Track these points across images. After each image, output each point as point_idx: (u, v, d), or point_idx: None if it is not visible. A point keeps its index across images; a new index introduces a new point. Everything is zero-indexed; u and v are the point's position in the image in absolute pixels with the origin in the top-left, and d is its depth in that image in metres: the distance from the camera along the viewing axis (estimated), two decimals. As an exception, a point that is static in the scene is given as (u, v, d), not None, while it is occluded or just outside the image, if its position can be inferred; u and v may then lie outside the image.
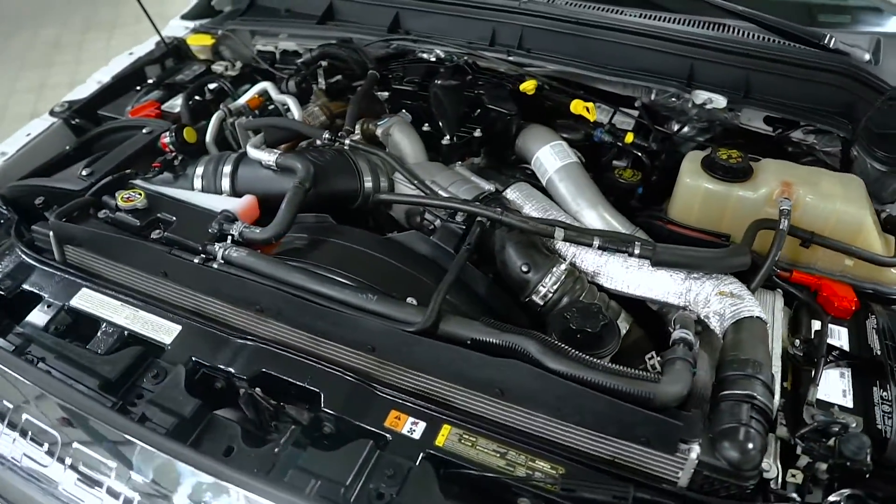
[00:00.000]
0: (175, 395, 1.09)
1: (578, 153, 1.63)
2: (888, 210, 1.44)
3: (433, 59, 1.79)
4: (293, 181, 1.35)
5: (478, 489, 1.01)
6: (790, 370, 1.19)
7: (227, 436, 1.06)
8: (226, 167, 1.48)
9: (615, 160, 1.73)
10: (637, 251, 1.25)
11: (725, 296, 1.19)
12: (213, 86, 1.85)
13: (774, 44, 1.66)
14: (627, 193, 1.60)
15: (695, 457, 0.95)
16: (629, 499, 0.94)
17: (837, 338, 1.23)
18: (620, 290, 1.31)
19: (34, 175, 1.61)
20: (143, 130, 1.61)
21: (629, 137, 1.63)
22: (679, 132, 1.70)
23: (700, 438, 0.96)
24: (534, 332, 1.08)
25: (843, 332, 1.24)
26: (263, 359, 1.15)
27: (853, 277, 1.34)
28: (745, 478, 0.95)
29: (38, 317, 1.28)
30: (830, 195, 1.32)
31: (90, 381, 1.12)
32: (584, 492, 0.95)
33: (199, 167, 1.50)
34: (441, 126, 1.63)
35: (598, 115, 1.68)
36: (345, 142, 1.50)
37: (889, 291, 1.33)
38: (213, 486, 0.95)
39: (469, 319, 1.13)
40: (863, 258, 1.29)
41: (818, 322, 1.25)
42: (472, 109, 1.68)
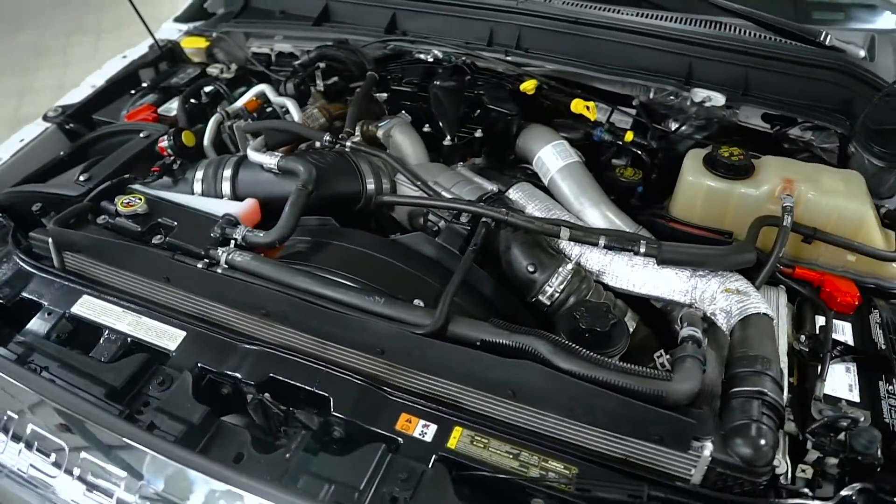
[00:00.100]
0: (183, 402, 1.08)
1: (578, 152, 1.63)
2: (886, 205, 1.46)
3: (431, 60, 1.79)
4: (296, 184, 1.34)
5: (491, 491, 1.00)
6: (795, 366, 1.19)
7: (237, 442, 1.05)
8: (226, 171, 1.47)
9: (614, 159, 1.73)
10: (643, 250, 1.25)
11: (731, 293, 1.19)
12: (209, 89, 1.84)
13: (771, 41, 1.67)
14: (628, 192, 1.60)
15: (708, 454, 0.95)
16: (644, 497, 0.94)
17: (841, 333, 1.25)
18: (626, 289, 1.31)
19: (28, 181, 1.59)
20: (141, 135, 1.59)
21: (629, 136, 1.63)
22: (677, 130, 1.70)
23: (712, 436, 0.97)
24: (543, 333, 1.08)
25: (847, 327, 1.26)
26: (270, 363, 1.14)
27: (855, 273, 1.36)
28: (759, 474, 0.95)
29: (39, 325, 1.26)
30: (832, 191, 1.33)
31: (95, 390, 1.10)
32: (600, 491, 0.95)
33: (199, 171, 1.48)
34: (441, 127, 1.62)
35: (597, 115, 1.68)
36: (346, 144, 1.49)
37: (890, 286, 1.34)
38: (227, 494, 0.94)
39: (478, 321, 1.12)
40: (865, 253, 1.30)
41: (821, 318, 1.26)
42: (473, 110, 1.67)
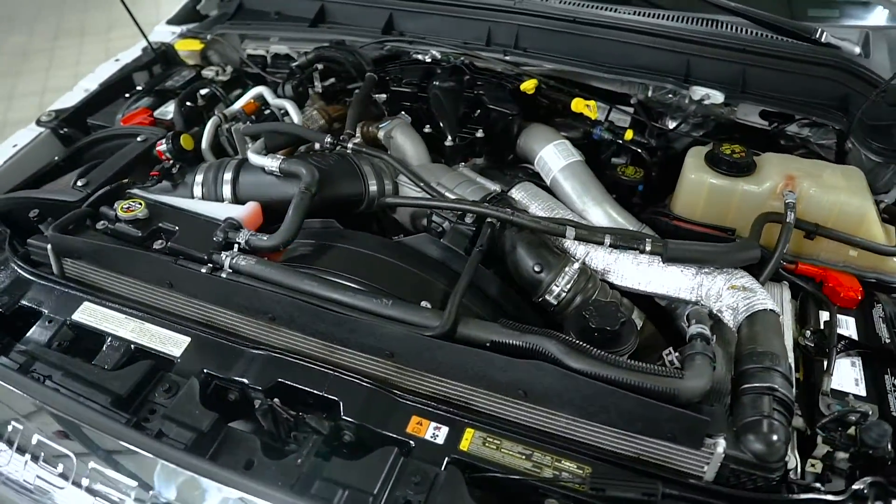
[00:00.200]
0: (190, 409, 1.06)
1: (579, 151, 1.63)
2: (885, 200, 1.47)
3: (429, 60, 1.78)
4: (299, 187, 1.33)
5: (505, 492, 1.00)
6: (801, 361, 1.20)
7: (247, 449, 1.03)
8: (226, 174, 1.45)
9: (613, 157, 1.74)
10: (648, 248, 1.25)
11: (738, 290, 1.20)
12: (205, 91, 1.81)
13: (768, 39, 1.69)
14: (629, 190, 1.61)
15: (721, 451, 0.95)
16: (658, 495, 0.94)
17: (845, 327, 1.25)
18: (632, 288, 1.31)
19: (22, 187, 1.57)
20: (138, 139, 1.57)
21: (629, 134, 1.64)
22: (676, 128, 1.71)
23: (725, 432, 0.97)
24: (554, 333, 1.07)
25: (851, 322, 1.27)
26: (278, 368, 1.13)
27: (856, 267, 1.37)
28: (772, 469, 0.96)
29: (40, 333, 1.24)
30: (834, 187, 1.34)
31: (100, 398, 1.08)
32: (614, 490, 0.95)
33: (199, 175, 1.47)
34: (442, 127, 1.62)
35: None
36: (347, 145, 1.48)
37: (892, 280, 1.35)
38: (240, 502, 0.93)
39: (487, 322, 1.12)
40: (868, 249, 1.31)
41: (825, 313, 1.27)
42: (473, 110, 1.67)
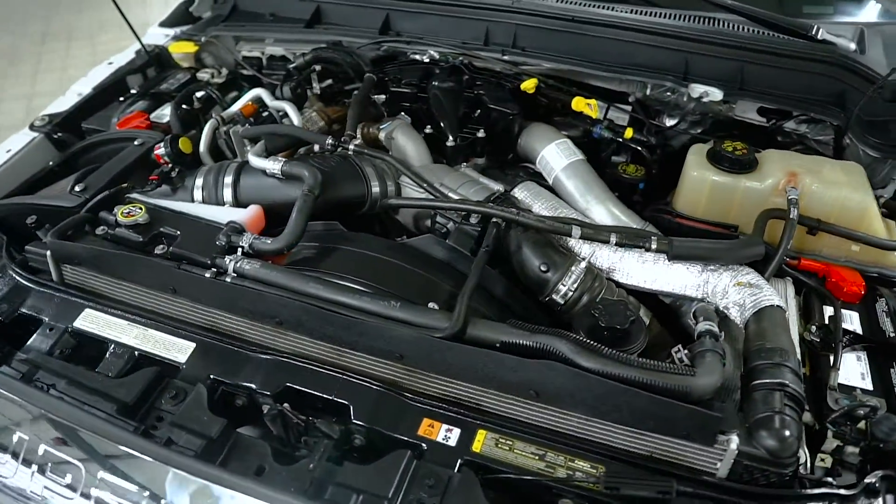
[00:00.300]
0: (199, 416, 1.05)
1: (579, 150, 1.63)
2: (884, 195, 1.48)
3: (427, 61, 1.78)
4: (302, 189, 1.32)
5: (518, 492, 1.00)
6: (806, 356, 1.21)
7: (257, 454, 1.02)
8: (227, 177, 1.44)
9: (613, 156, 1.74)
10: (654, 246, 1.25)
11: (744, 286, 1.20)
12: (201, 94, 1.79)
13: (766, 36, 1.70)
14: (630, 189, 1.61)
15: (735, 447, 0.95)
16: (673, 493, 0.94)
17: (849, 322, 1.26)
18: (637, 286, 1.31)
19: (17, 193, 1.54)
20: (135, 142, 1.55)
21: (629, 133, 1.64)
22: (676, 126, 1.71)
23: (737, 429, 0.97)
24: (564, 332, 1.07)
25: (855, 317, 1.27)
26: (286, 373, 1.11)
27: (858, 262, 1.38)
28: (785, 465, 0.96)
29: (41, 341, 1.22)
30: (835, 182, 1.35)
31: (106, 406, 1.07)
32: (628, 489, 0.95)
33: (199, 178, 1.45)
34: (443, 128, 1.61)
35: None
36: (349, 147, 1.47)
37: (894, 274, 1.36)
38: (254, 509, 0.92)
39: (496, 322, 1.11)
40: (870, 244, 1.32)
41: (828, 308, 1.28)
42: (473, 110, 1.66)
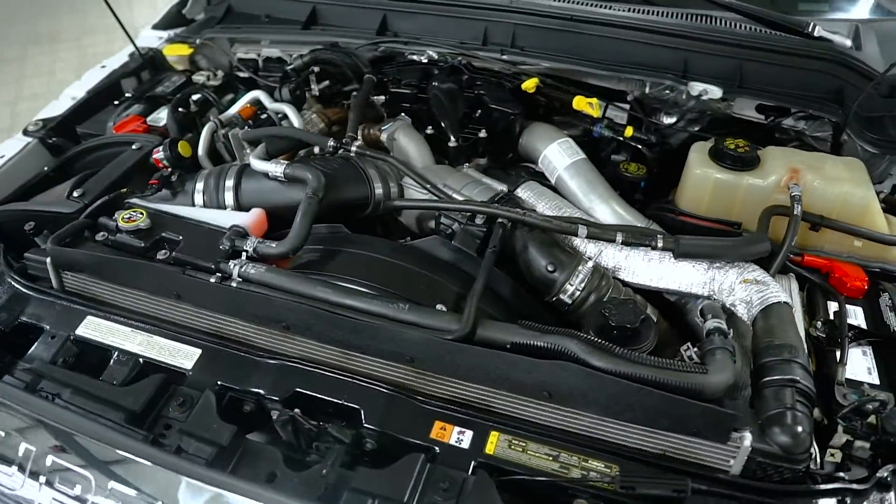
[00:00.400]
0: (208, 423, 1.04)
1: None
2: (884, 191, 1.50)
3: (425, 61, 1.77)
4: (305, 192, 1.31)
5: (533, 494, 0.99)
6: (813, 351, 1.21)
7: (268, 461, 1.01)
8: (228, 181, 1.42)
9: (613, 154, 1.74)
10: (660, 244, 1.25)
11: (751, 283, 1.21)
12: (197, 97, 1.78)
13: (763, 34, 1.70)
14: (632, 187, 1.61)
15: (748, 444, 0.96)
16: (688, 491, 0.95)
17: (853, 317, 1.27)
18: (644, 284, 1.31)
19: (12, 199, 1.52)
20: (133, 146, 1.53)
21: (629, 131, 1.64)
22: (675, 124, 1.72)
23: (750, 426, 0.97)
24: (574, 332, 1.07)
25: (859, 312, 1.28)
26: (295, 378, 1.10)
27: (860, 258, 1.38)
28: (798, 461, 0.97)
29: (43, 350, 1.19)
30: (837, 178, 1.36)
31: (113, 415, 1.05)
32: (643, 488, 0.95)
33: (199, 182, 1.43)
34: (444, 128, 1.61)
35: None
36: (350, 148, 1.46)
37: (896, 269, 1.38)
38: (268, 516, 0.91)
39: (506, 323, 1.11)
40: (873, 239, 1.33)
41: (832, 303, 1.29)
42: (474, 110, 1.66)
